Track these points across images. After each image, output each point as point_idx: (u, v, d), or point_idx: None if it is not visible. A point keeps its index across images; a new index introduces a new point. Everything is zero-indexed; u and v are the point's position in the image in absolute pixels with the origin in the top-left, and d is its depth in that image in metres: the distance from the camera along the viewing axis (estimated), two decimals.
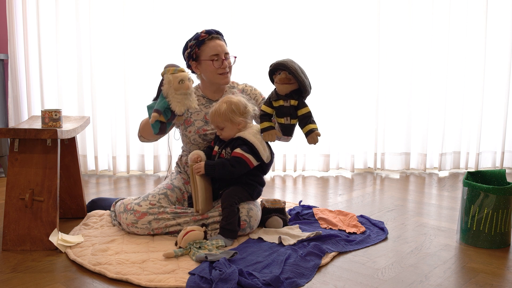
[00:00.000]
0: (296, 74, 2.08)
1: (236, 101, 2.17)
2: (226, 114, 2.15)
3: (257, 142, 2.13)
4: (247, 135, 2.14)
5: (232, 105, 2.15)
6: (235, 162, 2.11)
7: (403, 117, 3.76)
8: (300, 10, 3.62)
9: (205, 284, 1.63)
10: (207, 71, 2.31)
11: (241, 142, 2.14)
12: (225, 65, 2.29)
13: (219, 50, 2.28)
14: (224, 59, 2.29)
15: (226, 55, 2.31)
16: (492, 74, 3.82)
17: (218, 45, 2.29)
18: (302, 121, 2.17)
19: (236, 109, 2.15)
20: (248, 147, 2.12)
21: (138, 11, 3.56)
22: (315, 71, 3.58)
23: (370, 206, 2.74)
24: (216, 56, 2.28)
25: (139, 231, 2.12)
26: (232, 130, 2.18)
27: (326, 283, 1.71)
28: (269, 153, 2.20)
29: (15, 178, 2.02)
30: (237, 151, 2.12)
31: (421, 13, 3.66)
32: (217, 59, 2.28)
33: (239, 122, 2.17)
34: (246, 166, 2.13)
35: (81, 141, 3.63)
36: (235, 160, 2.11)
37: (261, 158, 2.14)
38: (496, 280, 1.74)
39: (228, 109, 2.15)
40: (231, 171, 2.11)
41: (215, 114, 2.18)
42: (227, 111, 2.15)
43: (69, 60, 3.59)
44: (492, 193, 2.01)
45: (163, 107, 2.04)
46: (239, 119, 2.16)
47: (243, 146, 2.13)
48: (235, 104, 2.16)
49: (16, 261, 1.89)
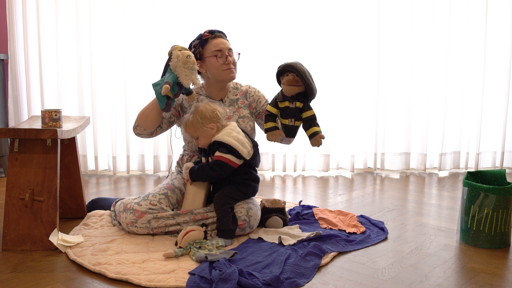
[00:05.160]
0: (304, 76, 2.11)
1: (202, 109, 2.18)
2: (195, 124, 2.17)
3: (233, 140, 2.13)
4: (221, 137, 2.14)
5: (198, 114, 2.17)
6: (214, 165, 2.13)
7: (403, 117, 3.76)
8: (300, 11, 3.62)
9: (205, 284, 1.63)
10: (212, 67, 2.32)
11: (218, 145, 2.15)
12: (229, 61, 2.32)
13: (222, 46, 2.31)
14: (228, 55, 2.31)
15: (229, 51, 2.34)
16: (492, 74, 3.82)
17: (221, 42, 2.33)
18: (306, 124, 2.19)
19: (203, 117, 2.16)
20: (225, 148, 2.13)
21: (138, 11, 3.56)
22: (315, 71, 3.56)
23: (370, 206, 2.74)
24: (219, 52, 2.30)
25: (139, 230, 2.12)
26: (207, 137, 2.18)
27: (326, 283, 1.71)
28: (251, 147, 2.19)
29: (15, 178, 2.02)
30: (216, 154, 2.14)
31: (421, 13, 3.66)
32: (221, 56, 2.30)
33: (210, 128, 2.17)
34: (227, 167, 2.13)
35: (81, 141, 3.63)
36: (214, 164, 2.14)
37: (241, 156, 2.14)
38: (496, 280, 1.74)
39: (195, 119, 2.17)
40: (211, 174, 2.14)
41: (186, 126, 2.21)
42: (195, 121, 2.17)
43: (69, 60, 3.59)
44: (492, 193, 2.01)
45: (172, 80, 2.09)
46: (209, 126, 2.17)
47: (220, 148, 2.14)
48: (201, 112, 2.17)
49: (16, 261, 1.89)
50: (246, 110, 2.43)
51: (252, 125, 2.43)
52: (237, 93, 2.45)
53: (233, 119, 2.38)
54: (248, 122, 2.41)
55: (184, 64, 2.08)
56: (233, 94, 2.44)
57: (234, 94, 2.44)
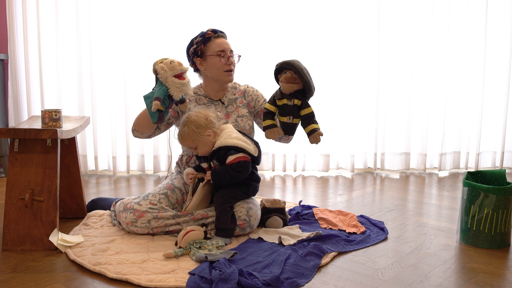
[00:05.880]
0: (302, 74, 2.11)
1: (195, 118, 2.14)
2: (191, 135, 2.13)
3: (237, 141, 2.13)
4: (224, 142, 2.12)
5: (192, 124, 2.12)
6: (237, 167, 2.11)
7: (403, 117, 3.76)
8: (300, 11, 3.62)
9: (205, 284, 1.63)
10: (213, 67, 2.32)
11: (225, 151, 2.12)
12: (231, 62, 2.33)
13: (225, 47, 2.33)
14: (230, 56, 2.32)
15: (231, 53, 2.35)
16: (492, 74, 3.82)
17: (224, 43, 2.35)
18: (304, 121, 2.19)
19: (198, 126, 2.12)
20: (234, 150, 2.12)
21: (138, 11, 3.56)
22: (315, 71, 3.56)
23: (370, 206, 2.74)
24: (222, 52, 2.32)
25: (139, 230, 2.12)
26: (206, 144, 2.16)
27: (326, 283, 1.71)
28: (254, 145, 2.20)
29: (15, 178, 2.02)
30: (231, 158, 2.11)
31: (421, 13, 3.66)
32: (223, 56, 2.31)
33: (207, 135, 2.15)
34: (248, 164, 2.14)
35: (81, 141, 3.63)
36: (236, 165, 2.11)
37: (250, 154, 2.14)
38: (496, 280, 1.74)
39: (190, 130, 2.12)
40: (237, 176, 2.12)
41: (182, 139, 2.16)
42: (191, 132, 2.12)
43: (69, 60, 3.59)
44: (492, 193, 2.01)
45: (162, 94, 2.05)
46: (206, 133, 2.14)
47: (230, 151, 2.12)
48: (195, 122, 2.13)
49: (16, 261, 1.89)
50: (244, 109, 2.43)
51: (250, 124, 2.44)
52: (236, 93, 2.46)
53: (232, 118, 2.39)
54: (247, 121, 2.41)
55: (172, 70, 2.03)
56: (232, 94, 2.45)
57: (233, 93, 2.45)
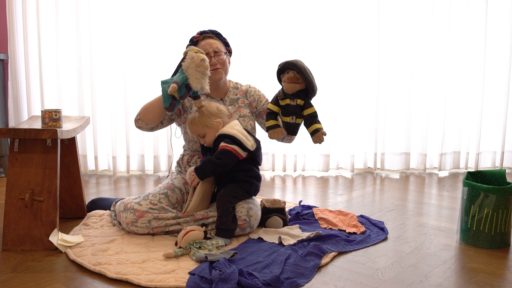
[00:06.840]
0: (304, 73, 2.12)
1: (207, 106, 2.20)
2: (202, 121, 2.17)
3: (236, 132, 2.15)
4: (225, 130, 2.17)
5: (204, 109, 2.18)
6: (219, 154, 2.12)
7: (403, 117, 3.76)
8: (300, 11, 3.62)
9: (205, 284, 1.63)
10: None
11: (222, 138, 2.16)
12: (213, 62, 2.32)
13: (207, 48, 2.33)
14: (212, 56, 2.32)
15: (215, 53, 2.34)
16: (492, 74, 3.82)
17: (207, 44, 2.35)
18: (307, 121, 2.20)
19: (209, 113, 2.18)
20: (230, 139, 2.14)
21: (138, 11, 3.56)
22: (315, 71, 3.54)
23: (370, 206, 2.74)
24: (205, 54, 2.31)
25: (139, 230, 2.12)
26: (213, 133, 2.19)
27: (326, 283, 1.71)
28: (254, 141, 2.21)
29: (15, 178, 2.02)
30: (221, 144, 2.14)
31: (421, 13, 3.66)
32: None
33: (217, 123, 2.19)
34: (232, 155, 2.12)
35: (81, 141, 3.63)
36: (219, 152, 2.13)
37: (246, 147, 2.14)
38: (496, 280, 1.74)
39: (201, 115, 2.18)
40: (217, 163, 2.12)
41: (192, 124, 2.20)
42: (202, 117, 2.17)
43: (69, 60, 3.59)
44: (492, 193, 2.01)
45: (181, 81, 2.07)
46: (215, 121, 2.19)
47: (225, 139, 2.15)
48: (206, 108, 2.19)
49: (16, 261, 1.89)
50: (246, 109, 2.43)
51: (252, 124, 2.44)
52: (237, 93, 2.46)
53: (234, 118, 2.39)
54: (249, 121, 2.42)
55: (197, 67, 2.08)
56: (234, 94, 2.45)
57: (235, 93, 2.46)
